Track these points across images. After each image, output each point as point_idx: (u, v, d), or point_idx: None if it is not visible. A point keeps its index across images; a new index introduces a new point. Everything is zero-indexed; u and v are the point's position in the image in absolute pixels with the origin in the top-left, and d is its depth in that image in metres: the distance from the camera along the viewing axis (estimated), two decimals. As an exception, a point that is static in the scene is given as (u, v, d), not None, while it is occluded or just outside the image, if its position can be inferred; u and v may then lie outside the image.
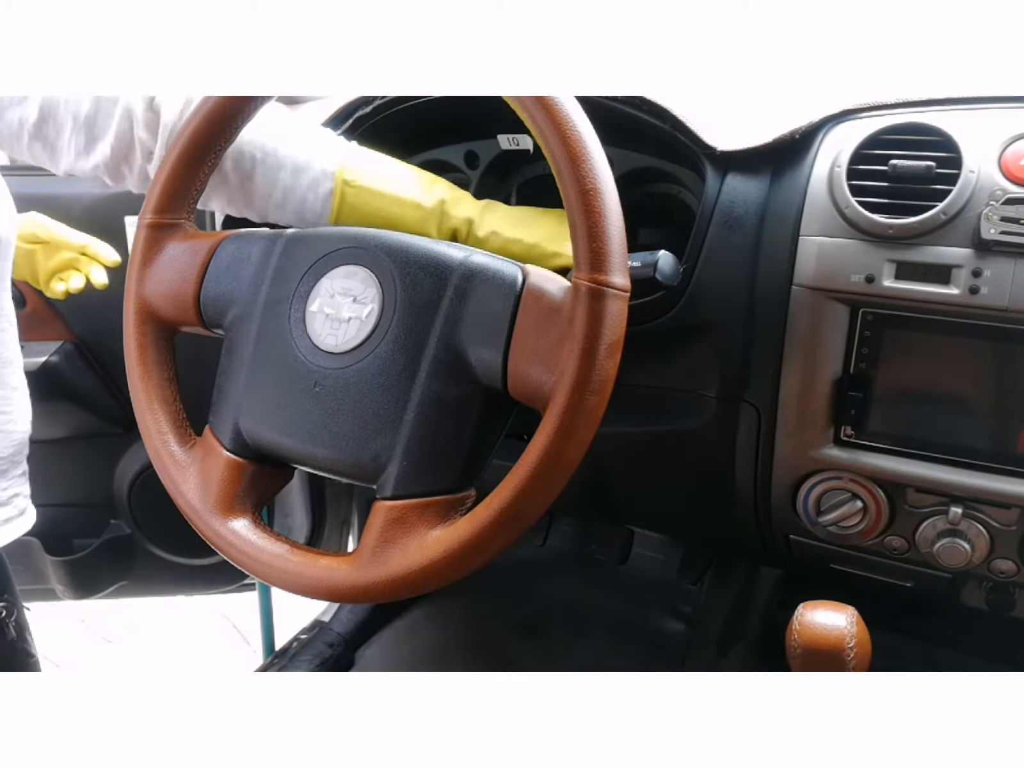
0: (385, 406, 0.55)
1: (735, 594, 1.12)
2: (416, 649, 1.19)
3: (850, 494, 0.71)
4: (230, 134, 0.64)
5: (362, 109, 0.84)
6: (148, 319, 0.64)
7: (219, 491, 0.59)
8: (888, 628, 0.78)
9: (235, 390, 0.60)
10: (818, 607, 0.60)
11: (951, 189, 0.63)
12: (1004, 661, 0.85)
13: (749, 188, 0.71)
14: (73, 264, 0.93)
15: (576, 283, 0.51)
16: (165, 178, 0.63)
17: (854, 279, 0.65)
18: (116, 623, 2.01)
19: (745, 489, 0.78)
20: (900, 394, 0.68)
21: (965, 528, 0.68)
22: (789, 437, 0.72)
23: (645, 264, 0.65)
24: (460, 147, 0.91)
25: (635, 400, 0.78)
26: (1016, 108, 0.65)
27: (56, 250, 0.91)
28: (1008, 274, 0.61)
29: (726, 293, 0.71)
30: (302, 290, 0.59)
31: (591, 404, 0.50)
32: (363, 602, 0.70)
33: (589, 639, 1.17)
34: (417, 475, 0.54)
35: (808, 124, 0.70)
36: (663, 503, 0.95)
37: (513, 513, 0.50)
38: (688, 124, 0.72)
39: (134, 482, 1.25)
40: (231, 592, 1.41)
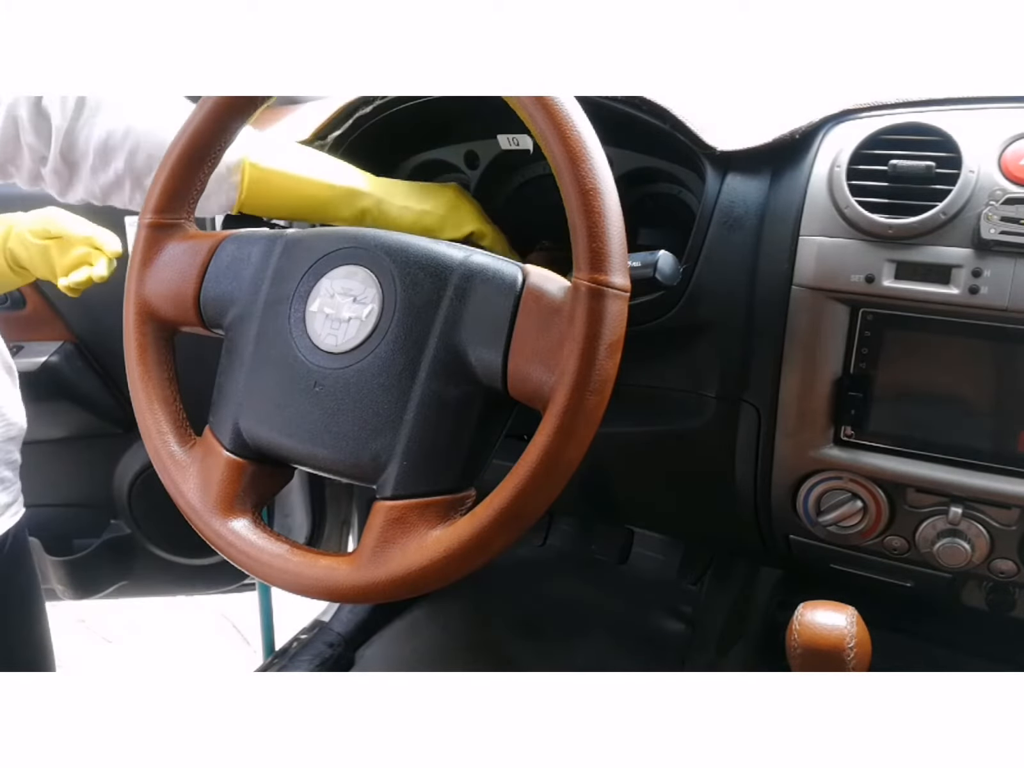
0: (385, 406, 0.55)
1: (735, 594, 1.12)
2: (416, 649, 1.19)
3: (850, 494, 0.71)
4: (230, 134, 0.64)
5: (362, 109, 0.84)
6: (148, 319, 0.64)
7: (219, 491, 0.59)
8: (888, 628, 0.78)
9: (235, 390, 0.60)
10: (818, 607, 0.60)
11: (951, 189, 0.63)
12: (1004, 661, 0.85)
13: (749, 188, 0.71)
14: (86, 259, 0.91)
15: (576, 283, 0.51)
16: (165, 178, 0.63)
17: (854, 279, 0.65)
18: (116, 623, 2.01)
19: (745, 489, 0.78)
20: (900, 394, 0.68)
21: (965, 528, 0.68)
22: (789, 437, 0.72)
23: (645, 264, 0.65)
24: (460, 147, 0.91)
25: (635, 400, 0.78)
26: (1016, 108, 0.65)
27: (69, 245, 0.90)
28: (1008, 274, 0.61)
29: (726, 293, 0.71)
30: (302, 290, 0.59)
31: (591, 404, 0.50)
32: (363, 602, 0.70)
33: (589, 639, 1.17)
34: (417, 475, 0.54)
35: (808, 124, 0.70)
36: (663, 503, 0.95)
37: (513, 513, 0.50)
38: (688, 124, 0.72)
39: (134, 482, 1.25)
40: (231, 592, 1.41)
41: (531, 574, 1.26)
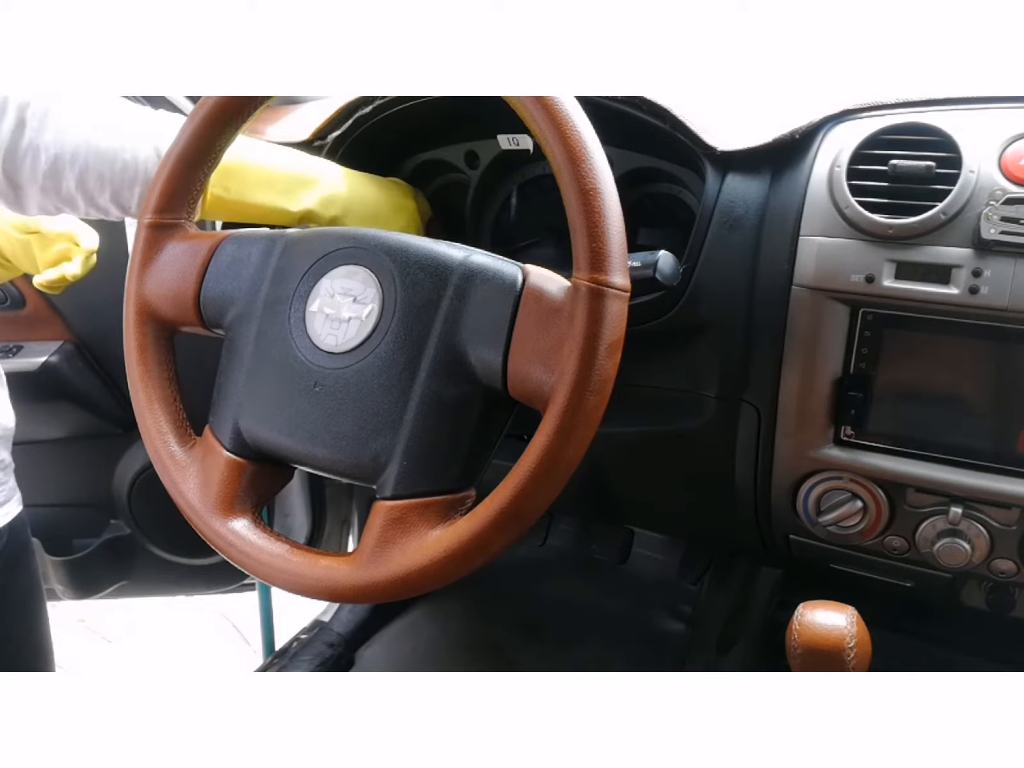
0: (385, 406, 0.55)
1: (735, 594, 1.12)
2: (416, 649, 1.19)
3: (850, 494, 0.71)
4: (230, 134, 0.64)
5: (362, 109, 0.84)
6: (148, 319, 0.64)
7: (219, 491, 0.59)
8: (888, 628, 0.78)
9: (235, 390, 0.60)
10: (818, 607, 0.60)
11: (951, 189, 0.63)
12: (1004, 661, 0.85)
13: (749, 188, 0.71)
14: (66, 255, 0.88)
15: (576, 283, 0.51)
16: (165, 178, 0.63)
17: (854, 279, 0.65)
18: (116, 623, 2.01)
19: (745, 489, 0.78)
20: (900, 394, 0.68)
21: (965, 528, 0.68)
22: (789, 437, 0.72)
23: (645, 264, 0.65)
24: (460, 147, 0.91)
25: (635, 400, 0.78)
26: (1016, 108, 0.65)
27: (49, 241, 0.89)
28: (1008, 274, 0.61)
29: (726, 293, 0.71)
30: (302, 290, 0.59)
31: (591, 404, 0.50)
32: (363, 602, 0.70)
33: (589, 639, 1.17)
34: (417, 475, 0.54)
35: (808, 124, 0.70)
36: (663, 503, 0.95)
37: (513, 513, 0.50)
38: (688, 124, 0.72)
39: (134, 482, 1.25)
40: (231, 592, 1.41)
41: (531, 574, 1.26)
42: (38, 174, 0.67)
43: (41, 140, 0.65)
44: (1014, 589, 0.74)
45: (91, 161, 0.67)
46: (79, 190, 0.68)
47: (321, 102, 0.94)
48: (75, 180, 0.67)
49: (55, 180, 0.67)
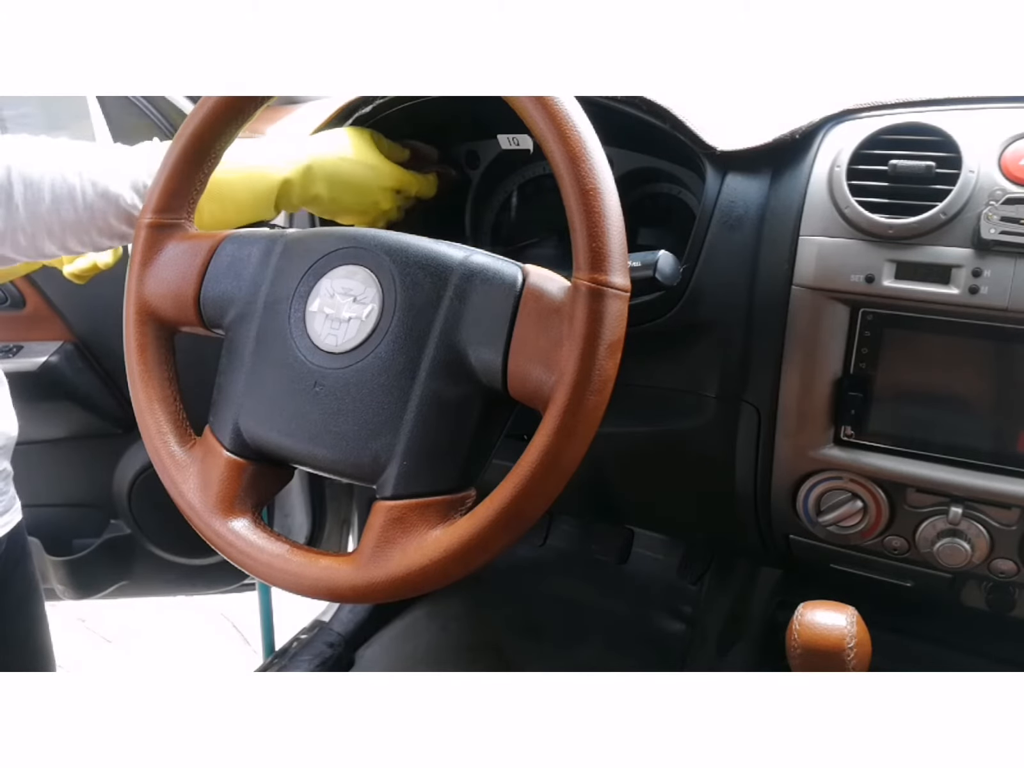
0: (385, 406, 0.55)
1: (735, 594, 1.12)
2: (416, 649, 1.19)
3: (850, 494, 0.71)
4: (230, 134, 0.64)
5: (362, 109, 0.84)
6: (148, 319, 0.64)
7: (219, 491, 0.59)
8: (888, 628, 0.78)
9: (235, 390, 0.60)
10: (818, 607, 0.60)
11: (951, 189, 0.63)
12: (1004, 661, 0.85)
13: (749, 188, 0.71)
14: None
15: (576, 283, 0.51)
16: (165, 178, 0.63)
17: (854, 279, 0.65)
18: (116, 623, 2.01)
19: (745, 489, 0.78)
20: (900, 394, 0.68)
21: (965, 528, 0.68)
22: (789, 437, 0.72)
23: (645, 264, 0.65)
24: (460, 147, 0.91)
25: (635, 400, 0.78)
26: (1016, 108, 0.65)
27: None
28: (1008, 274, 0.61)
29: (726, 293, 0.71)
30: (302, 290, 0.59)
31: (591, 404, 0.50)
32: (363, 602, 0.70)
33: (589, 639, 1.17)
34: (417, 475, 0.54)
35: (808, 124, 0.70)
36: (663, 503, 0.95)
37: (513, 513, 0.50)
38: (688, 124, 0.72)
39: (134, 482, 1.25)
40: (231, 592, 1.41)
41: (531, 574, 1.26)
42: (20, 253, 0.69)
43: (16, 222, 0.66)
44: (1014, 589, 0.74)
45: (67, 231, 0.68)
46: (65, 251, 0.70)
47: (321, 102, 0.94)
48: (59, 248, 0.69)
49: (38, 253, 0.69)
